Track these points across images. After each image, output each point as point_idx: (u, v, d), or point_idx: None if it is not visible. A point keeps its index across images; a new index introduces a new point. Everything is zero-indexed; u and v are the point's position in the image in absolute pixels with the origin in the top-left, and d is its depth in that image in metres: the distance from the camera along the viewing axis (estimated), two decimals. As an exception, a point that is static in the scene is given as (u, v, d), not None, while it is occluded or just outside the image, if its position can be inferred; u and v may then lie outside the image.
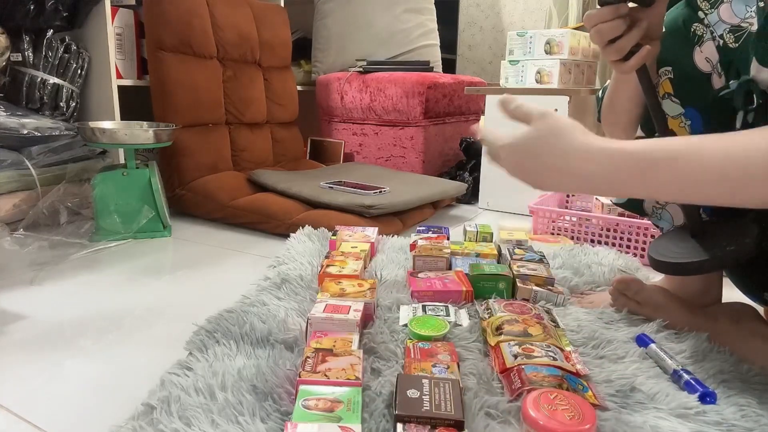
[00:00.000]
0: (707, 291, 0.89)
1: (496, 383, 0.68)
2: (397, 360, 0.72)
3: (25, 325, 0.90)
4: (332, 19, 2.38)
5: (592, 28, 0.68)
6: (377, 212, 1.42)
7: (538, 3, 3.22)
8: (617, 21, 0.66)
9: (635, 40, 0.67)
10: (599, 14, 0.66)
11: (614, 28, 0.66)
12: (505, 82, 1.81)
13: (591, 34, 0.69)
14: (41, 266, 1.17)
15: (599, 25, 0.67)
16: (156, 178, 1.41)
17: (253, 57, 1.97)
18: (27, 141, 1.39)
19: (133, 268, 1.19)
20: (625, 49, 0.67)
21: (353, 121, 2.22)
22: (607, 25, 0.66)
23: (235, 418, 0.58)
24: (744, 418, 0.61)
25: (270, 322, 0.81)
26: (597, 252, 1.21)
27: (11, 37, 1.48)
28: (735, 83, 0.66)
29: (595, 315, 0.88)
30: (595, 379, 0.69)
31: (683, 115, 0.74)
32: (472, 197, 1.94)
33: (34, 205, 1.39)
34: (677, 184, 0.52)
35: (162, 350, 0.82)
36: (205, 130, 1.76)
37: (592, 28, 0.67)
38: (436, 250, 1.09)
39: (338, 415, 0.56)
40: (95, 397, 0.69)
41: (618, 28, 0.66)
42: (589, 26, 0.68)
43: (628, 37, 0.67)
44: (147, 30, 1.65)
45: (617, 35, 0.67)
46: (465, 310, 0.89)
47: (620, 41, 0.67)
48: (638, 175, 0.53)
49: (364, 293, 0.87)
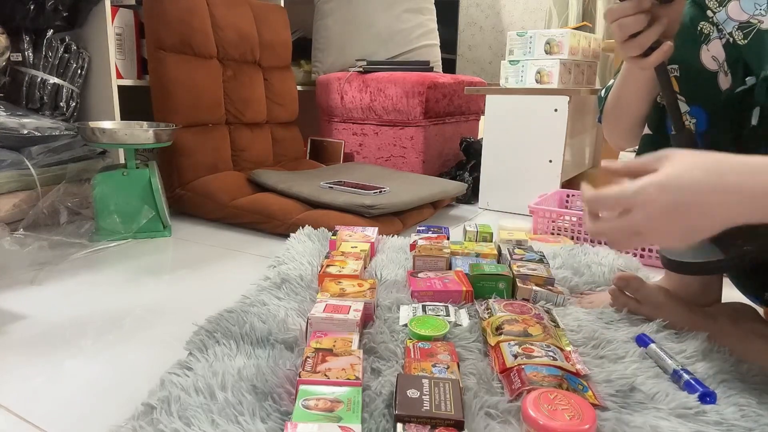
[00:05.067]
0: (707, 291, 0.89)
1: (496, 383, 0.68)
2: (397, 360, 0.72)
3: (25, 325, 0.90)
4: (332, 19, 2.38)
5: (613, 23, 0.67)
6: (377, 212, 1.42)
7: (538, 3, 3.22)
8: (639, 16, 0.66)
9: (656, 35, 0.67)
10: (621, 8, 0.66)
11: (636, 22, 0.66)
12: (505, 82, 1.81)
13: (612, 29, 0.68)
14: (41, 266, 1.17)
15: (621, 19, 0.66)
16: (156, 178, 1.41)
17: (253, 57, 1.97)
18: (27, 141, 1.39)
19: (133, 268, 1.19)
20: (646, 44, 0.67)
21: (353, 121, 2.22)
22: (629, 19, 0.66)
23: (235, 418, 0.58)
24: (744, 418, 0.61)
25: (270, 322, 0.81)
26: (597, 252, 1.21)
27: (11, 37, 1.48)
28: (752, 79, 0.65)
29: (595, 315, 0.88)
30: (595, 379, 0.69)
31: (688, 113, 0.74)
32: (472, 197, 1.94)
33: (34, 205, 1.39)
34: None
35: (162, 350, 0.82)
36: (205, 130, 1.76)
37: (613, 22, 0.67)
38: (436, 250, 1.09)
39: (338, 415, 0.56)
40: (95, 397, 0.69)
41: (640, 22, 0.66)
42: (610, 20, 0.68)
43: (649, 32, 0.66)
44: (147, 30, 1.65)
45: (639, 30, 0.67)
46: (465, 310, 0.89)
47: (641, 36, 0.67)
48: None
49: (364, 293, 0.87)
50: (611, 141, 0.91)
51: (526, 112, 1.74)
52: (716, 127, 0.72)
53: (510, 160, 1.78)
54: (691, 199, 0.50)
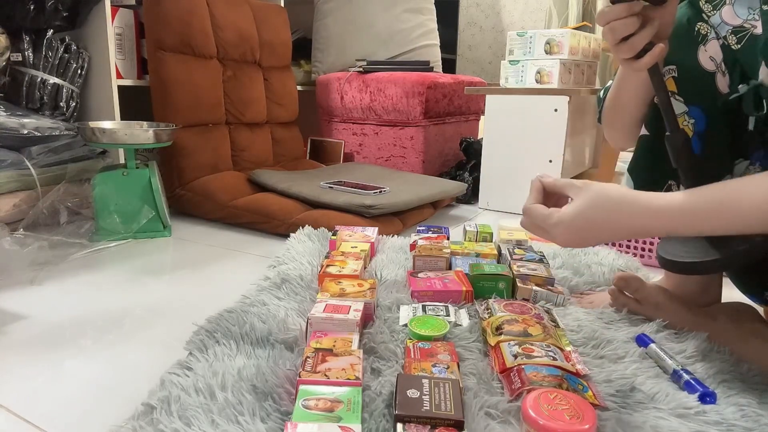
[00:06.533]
0: (707, 291, 0.89)
1: (496, 383, 0.68)
2: (397, 360, 0.72)
3: (25, 325, 0.90)
4: (332, 19, 2.39)
5: (605, 25, 0.68)
6: (377, 212, 1.42)
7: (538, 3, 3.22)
8: (631, 18, 0.66)
9: (648, 38, 0.67)
10: (613, 11, 0.66)
11: (627, 25, 0.66)
12: (505, 82, 1.81)
13: (604, 32, 0.69)
14: (41, 266, 1.17)
15: (613, 22, 0.67)
16: (156, 178, 1.41)
17: (253, 57, 1.97)
18: (27, 141, 1.39)
19: (133, 268, 1.19)
20: (638, 46, 0.67)
21: (353, 121, 2.22)
22: (621, 22, 0.66)
23: (235, 418, 0.58)
24: (744, 418, 0.61)
25: (270, 322, 0.81)
26: (597, 252, 1.21)
27: (11, 37, 1.48)
28: (744, 87, 0.66)
29: (595, 315, 0.88)
30: (595, 379, 0.69)
31: (687, 113, 0.74)
32: (472, 197, 1.94)
33: (34, 205, 1.39)
34: (724, 226, 0.60)
35: (162, 350, 0.82)
36: (205, 130, 1.76)
37: (605, 25, 0.68)
38: (436, 250, 1.09)
39: (338, 415, 0.56)
40: (95, 397, 0.69)
41: (631, 25, 0.66)
42: (602, 23, 0.68)
43: (641, 34, 0.67)
44: (147, 30, 1.65)
45: (630, 33, 0.67)
46: (465, 310, 0.89)
47: (633, 39, 0.67)
48: (689, 221, 0.61)
49: (364, 293, 0.87)
50: (611, 141, 0.91)
51: (526, 112, 1.74)
52: (715, 127, 0.72)
53: (510, 160, 1.78)
54: (588, 235, 0.65)
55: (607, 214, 0.64)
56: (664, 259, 0.70)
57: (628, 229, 0.64)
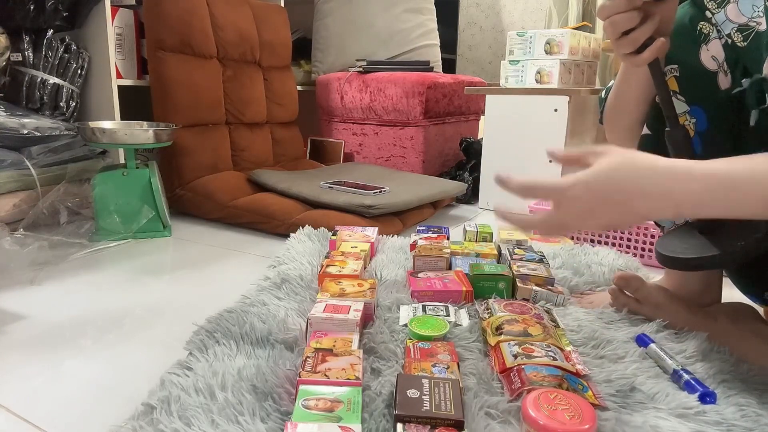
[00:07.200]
0: (707, 290, 0.89)
1: (496, 383, 0.68)
2: (397, 360, 0.72)
3: (25, 325, 0.90)
4: (332, 19, 2.39)
5: (606, 19, 0.68)
6: (377, 212, 1.42)
7: (538, 3, 3.22)
8: (631, 12, 0.66)
9: (649, 32, 0.67)
10: (613, 5, 0.66)
11: (628, 19, 0.66)
12: (505, 82, 1.81)
13: (605, 26, 0.69)
14: (41, 266, 1.17)
15: (613, 16, 0.67)
16: (156, 178, 1.41)
17: (253, 57, 1.97)
18: (27, 141, 1.39)
19: (133, 268, 1.19)
20: (639, 41, 0.67)
21: (353, 121, 2.22)
22: (622, 16, 0.66)
23: (235, 418, 0.58)
24: (744, 418, 0.61)
25: (270, 322, 0.81)
26: (597, 252, 1.21)
27: (11, 37, 1.48)
28: (747, 81, 0.65)
29: (595, 315, 0.88)
30: (595, 379, 0.68)
31: (688, 113, 0.74)
32: (472, 197, 1.94)
33: (34, 205, 1.39)
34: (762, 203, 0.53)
35: (162, 350, 0.82)
36: (205, 130, 1.76)
37: (606, 18, 0.68)
38: (436, 250, 1.09)
39: (338, 415, 0.56)
40: (95, 397, 0.69)
41: (632, 19, 0.66)
42: (603, 17, 0.68)
43: (642, 29, 0.67)
44: (147, 30, 1.65)
45: (631, 27, 0.67)
46: (465, 310, 0.89)
47: (634, 33, 0.67)
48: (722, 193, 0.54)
49: (364, 293, 0.87)
50: (612, 141, 0.91)
51: (526, 112, 1.74)
52: (716, 126, 0.72)
53: (510, 160, 1.78)
54: (610, 199, 0.55)
55: (638, 172, 0.55)
56: (663, 255, 0.70)
57: (656, 199, 0.55)
